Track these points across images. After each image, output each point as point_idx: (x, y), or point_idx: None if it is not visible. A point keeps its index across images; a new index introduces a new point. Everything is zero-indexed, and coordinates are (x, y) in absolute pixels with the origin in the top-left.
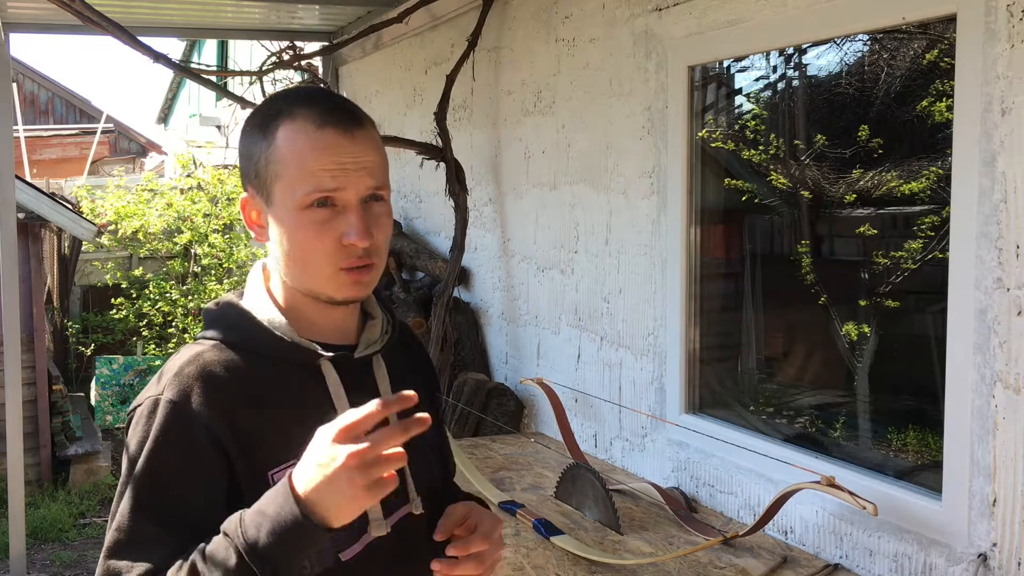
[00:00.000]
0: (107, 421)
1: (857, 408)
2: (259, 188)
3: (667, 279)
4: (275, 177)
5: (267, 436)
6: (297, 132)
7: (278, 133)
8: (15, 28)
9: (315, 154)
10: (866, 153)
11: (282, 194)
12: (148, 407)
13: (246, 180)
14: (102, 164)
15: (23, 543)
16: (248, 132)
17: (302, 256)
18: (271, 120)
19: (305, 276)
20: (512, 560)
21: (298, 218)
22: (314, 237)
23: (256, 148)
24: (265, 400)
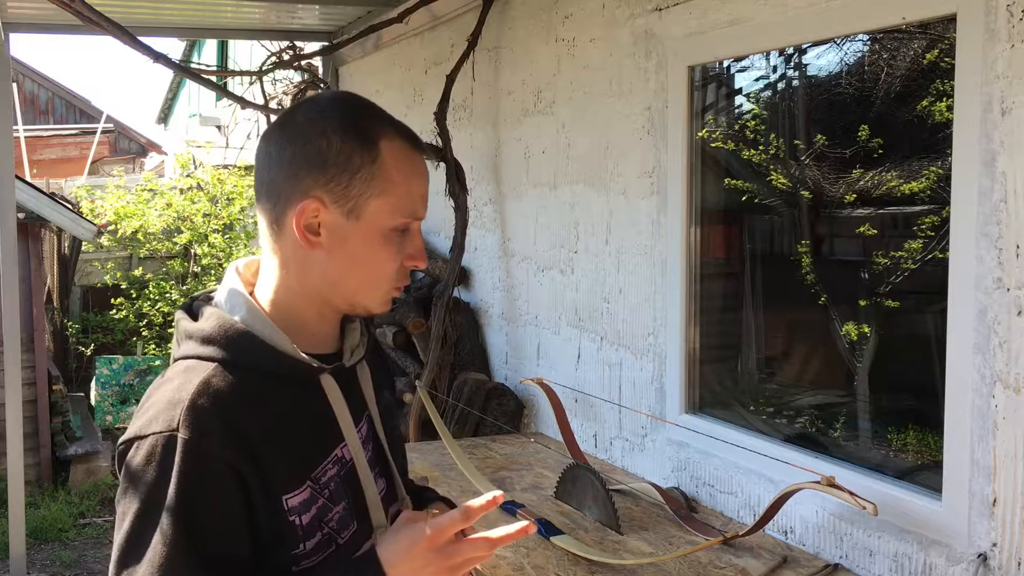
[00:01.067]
0: (107, 421)
1: (857, 408)
2: (344, 197)
3: (667, 279)
4: (375, 195)
5: (279, 462)
6: (399, 151)
7: (381, 147)
8: (15, 28)
9: (416, 180)
10: (866, 153)
11: (378, 212)
12: (162, 445)
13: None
14: (102, 164)
15: (23, 543)
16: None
17: (370, 273)
18: (373, 132)
19: (358, 292)
20: (512, 560)
21: (385, 238)
22: (389, 259)
23: (349, 157)
24: (275, 424)
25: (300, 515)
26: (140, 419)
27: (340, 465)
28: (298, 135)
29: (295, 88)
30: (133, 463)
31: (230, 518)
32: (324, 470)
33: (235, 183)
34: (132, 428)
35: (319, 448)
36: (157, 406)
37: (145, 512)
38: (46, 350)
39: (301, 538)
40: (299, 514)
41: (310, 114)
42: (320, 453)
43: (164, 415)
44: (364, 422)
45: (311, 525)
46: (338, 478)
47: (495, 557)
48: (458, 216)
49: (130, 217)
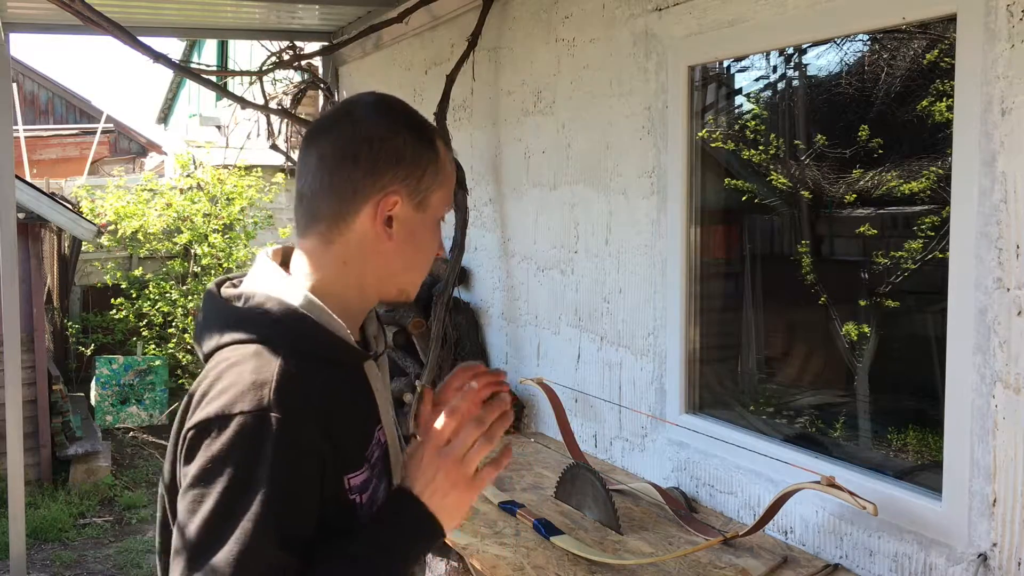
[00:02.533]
0: (107, 421)
1: (857, 408)
2: (417, 191)
3: (667, 279)
4: (438, 187)
5: (348, 442)
6: (445, 148)
7: (438, 147)
8: (15, 28)
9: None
10: (866, 153)
11: (437, 203)
12: (253, 424)
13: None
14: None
15: (23, 543)
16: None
17: (421, 261)
18: (428, 132)
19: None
20: (512, 560)
21: (436, 227)
22: (436, 245)
23: (420, 154)
24: (341, 406)
25: (360, 494)
26: (218, 400)
27: (379, 447)
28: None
29: (295, 88)
30: (218, 442)
31: (312, 498)
32: (372, 451)
33: (235, 183)
34: (209, 408)
35: (368, 430)
36: (238, 387)
37: (233, 489)
38: (46, 350)
39: (360, 516)
40: (359, 493)
41: (372, 116)
42: (369, 434)
43: (250, 395)
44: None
45: (367, 503)
46: (381, 458)
47: (495, 557)
48: (458, 216)
49: (130, 217)
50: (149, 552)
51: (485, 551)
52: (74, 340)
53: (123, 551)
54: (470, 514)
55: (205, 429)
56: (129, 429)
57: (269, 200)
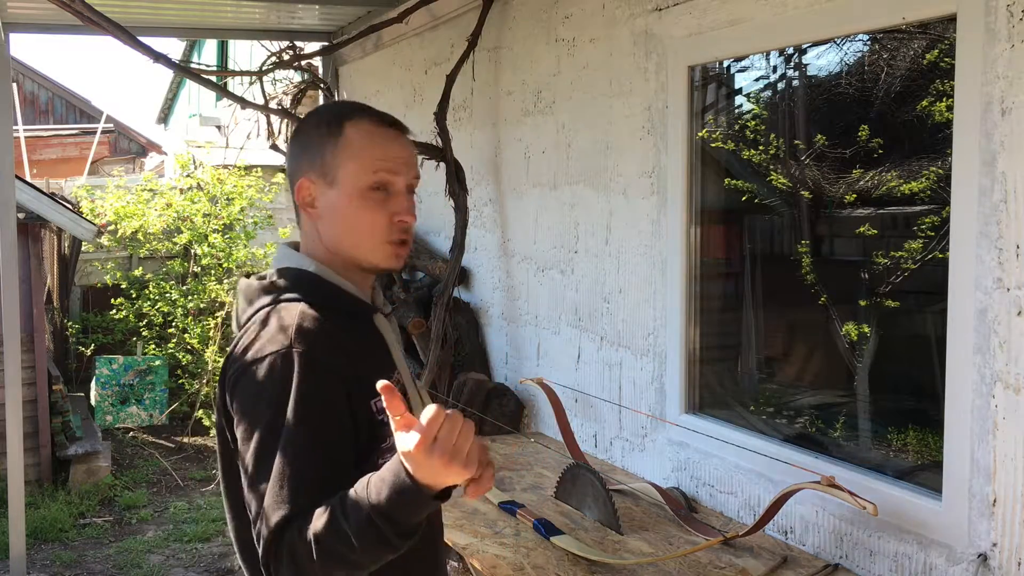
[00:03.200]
0: (107, 421)
1: (857, 408)
2: (323, 174)
3: (667, 279)
4: (342, 163)
5: (370, 371)
6: (365, 129)
7: (346, 129)
8: (15, 28)
9: (381, 147)
10: (866, 153)
11: (348, 177)
12: (281, 360)
13: (307, 168)
14: (102, 164)
15: (23, 543)
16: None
17: (359, 229)
18: (337, 120)
19: (358, 247)
20: (512, 560)
21: (362, 197)
22: (372, 213)
23: (322, 141)
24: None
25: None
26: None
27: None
28: (295, 136)
29: (295, 88)
30: (253, 381)
31: (342, 417)
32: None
33: (235, 183)
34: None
35: (386, 368)
36: (267, 335)
37: (274, 418)
38: (46, 350)
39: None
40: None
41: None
42: (388, 372)
43: (277, 338)
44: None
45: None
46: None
47: (494, 557)
48: (458, 216)
49: (130, 217)
50: (149, 552)
51: (485, 551)
52: (74, 340)
53: (123, 551)
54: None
55: (243, 372)
56: (129, 429)
57: (269, 200)
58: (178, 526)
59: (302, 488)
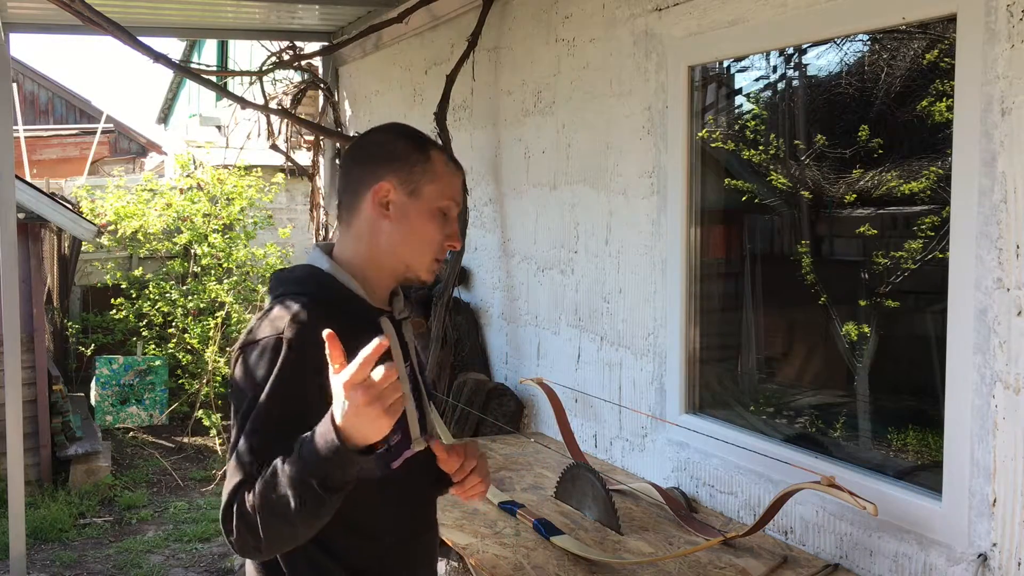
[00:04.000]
0: (107, 421)
1: (857, 408)
2: (406, 183)
3: (667, 279)
4: (429, 181)
5: None
6: (443, 161)
7: (432, 155)
8: (15, 28)
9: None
10: (866, 153)
11: (429, 195)
12: (272, 344)
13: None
14: (102, 164)
15: (23, 543)
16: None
17: (421, 240)
18: (427, 144)
19: (413, 255)
20: (512, 560)
21: (432, 215)
22: (436, 231)
23: (413, 156)
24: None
25: None
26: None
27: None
28: (374, 144)
29: (295, 88)
30: (247, 361)
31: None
32: None
33: (235, 183)
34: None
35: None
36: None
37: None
38: (46, 350)
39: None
40: None
41: (383, 133)
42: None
43: (273, 326)
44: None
45: None
46: None
47: (494, 557)
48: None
49: (130, 217)
50: (149, 552)
51: (485, 551)
52: (74, 340)
53: (123, 551)
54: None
55: (240, 355)
56: (129, 429)
57: (269, 200)
58: (178, 526)
59: (259, 459)
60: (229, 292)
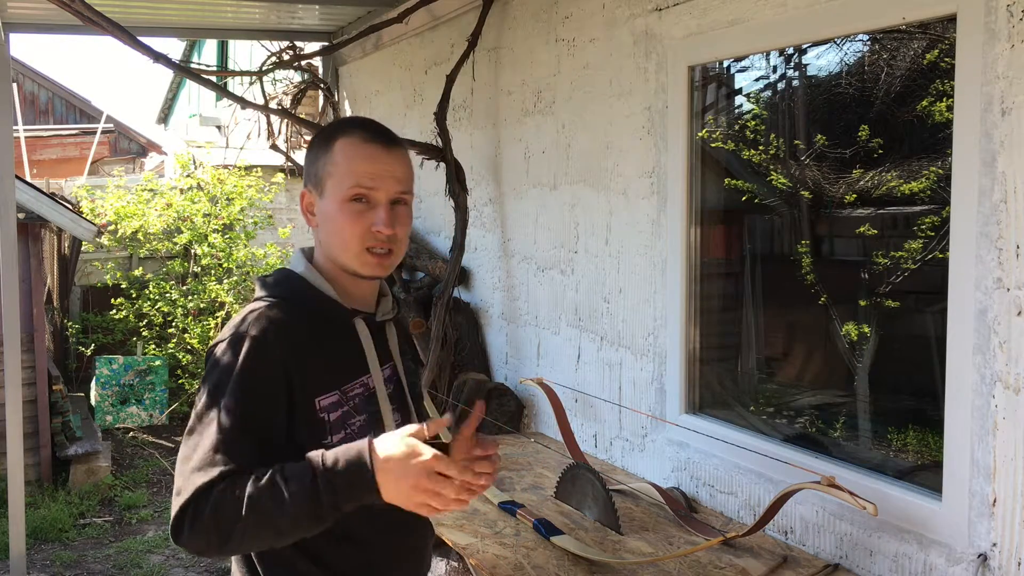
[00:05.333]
0: (107, 421)
1: (857, 408)
2: (316, 184)
3: (667, 279)
4: (328, 175)
5: (316, 371)
6: (349, 144)
7: (335, 144)
8: (15, 28)
9: (360, 161)
10: (866, 153)
11: (332, 188)
12: (234, 339)
13: (307, 180)
14: (102, 164)
15: (23, 543)
16: (314, 143)
17: (341, 236)
18: (332, 135)
19: (342, 253)
20: (512, 560)
21: (341, 207)
22: (351, 223)
23: (318, 154)
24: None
25: (329, 413)
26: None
27: (364, 389)
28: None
29: (295, 88)
30: (211, 360)
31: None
32: (352, 387)
33: (235, 183)
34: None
35: (349, 371)
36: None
37: (216, 389)
38: (46, 350)
39: (329, 431)
40: (328, 412)
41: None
42: (350, 375)
43: (238, 325)
44: (388, 367)
45: (337, 422)
46: (362, 397)
47: (494, 557)
48: (458, 216)
49: (130, 217)
50: (149, 552)
51: (485, 551)
52: (74, 340)
53: (123, 551)
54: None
55: (208, 354)
56: (129, 429)
57: (269, 200)
58: None
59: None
60: (229, 292)
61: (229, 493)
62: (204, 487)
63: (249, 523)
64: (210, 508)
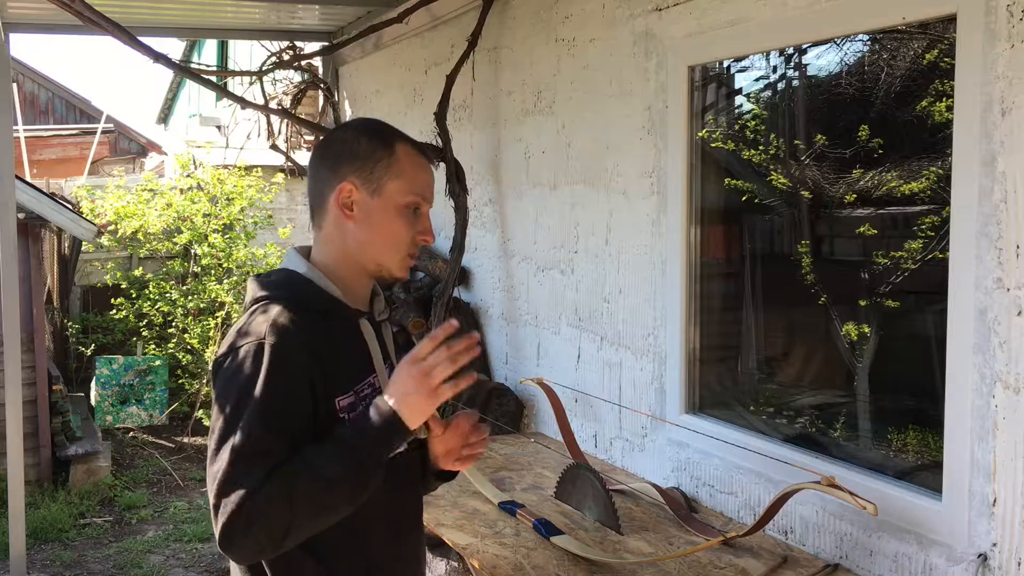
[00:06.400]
0: (107, 421)
1: (857, 408)
2: (369, 181)
3: (667, 279)
4: (391, 178)
5: (334, 371)
6: (411, 153)
7: (398, 148)
8: (15, 28)
9: (421, 171)
10: (866, 153)
11: (393, 192)
12: (253, 349)
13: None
14: (102, 164)
15: (23, 543)
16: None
17: (389, 238)
18: (391, 138)
19: (383, 254)
20: (512, 560)
21: (399, 212)
22: (403, 228)
23: (376, 153)
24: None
25: (348, 413)
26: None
27: (372, 388)
28: (337, 143)
29: (295, 88)
30: (230, 367)
31: (302, 403)
32: (363, 387)
33: (235, 183)
34: (224, 346)
35: (360, 371)
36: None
37: (241, 399)
38: (46, 350)
39: None
40: (347, 412)
41: (345, 131)
42: (360, 375)
43: (254, 331)
44: (388, 366)
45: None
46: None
47: (494, 557)
48: (458, 216)
49: (130, 217)
50: (149, 552)
51: (485, 551)
52: (74, 340)
53: (123, 551)
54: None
55: (220, 361)
56: (129, 429)
57: (269, 200)
58: (178, 526)
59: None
60: (229, 292)
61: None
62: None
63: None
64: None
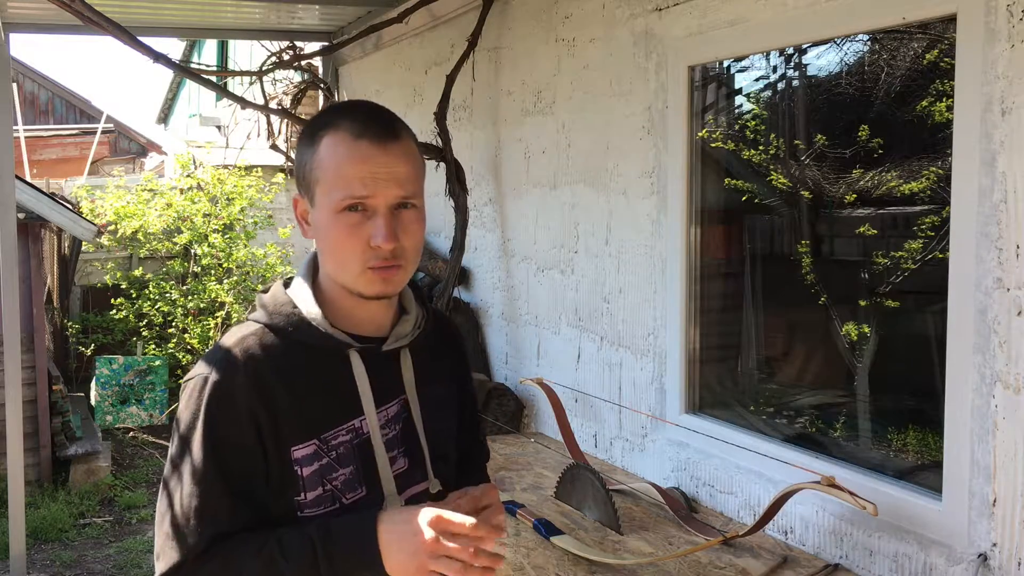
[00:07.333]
0: (107, 421)
1: (857, 408)
2: (305, 190)
3: (667, 279)
4: (316, 181)
5: (294, 416)
6: (337, 142)
7: (321, 142)
8: (15, 28)
9: (350, 163)
10: (866, 153)
11: (321, 197)
12: (198, 384)
13: (297, 182)
14: (102, 164)
15: (23, 543)
16: (300, 140)
17: (336, 253)
18: (318, 130)
19: (339, 271)
20: (512, 560)
21: (333, 219)
22: (346, 238)
23: (304, 154)
24: (297, 383)
25: (303, 467)
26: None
27: (354, 434)
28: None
29: (295, 88)
30: (182, 398)
31: (248, 454)
32: (336, 434)
33: (235, 183)
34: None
35: (335, 415)
36: (212, 350)
37: (183, 443)
38: (46, 350)
39: (302, 487)
40: (302, 465)
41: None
42: (335, 419)
43: (206, 360)
44: (396, 404)
45: (312, 478)
46: (350, 445)
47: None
48: (458, 216)
49: (130, 217)
50: (149, 552)
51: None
52: (74, 340)
53: (123, 551)
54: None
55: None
56: (129, 429)
57: (269, 200)
58: None
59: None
60: (229, 292)
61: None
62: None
63: None
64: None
